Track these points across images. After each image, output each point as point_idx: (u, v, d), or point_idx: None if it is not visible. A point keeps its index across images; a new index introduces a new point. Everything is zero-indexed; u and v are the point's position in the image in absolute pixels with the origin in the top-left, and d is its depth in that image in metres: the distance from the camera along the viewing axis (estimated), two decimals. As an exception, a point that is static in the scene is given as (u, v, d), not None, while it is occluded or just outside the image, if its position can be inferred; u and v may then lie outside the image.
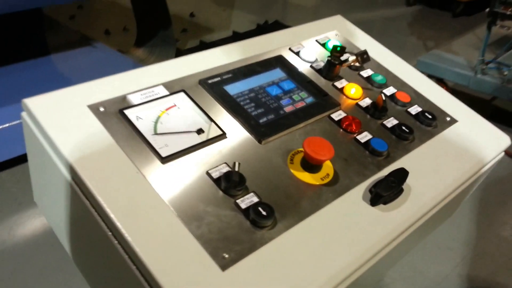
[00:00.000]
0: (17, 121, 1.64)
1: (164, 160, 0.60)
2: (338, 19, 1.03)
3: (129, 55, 2.63)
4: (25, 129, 0.64)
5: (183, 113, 0.68)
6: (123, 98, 0.66)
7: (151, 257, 0.50)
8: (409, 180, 0.66)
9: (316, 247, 0.56)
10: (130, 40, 3.12)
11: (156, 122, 0.65)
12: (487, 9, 2.25)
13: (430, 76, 1.82)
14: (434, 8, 3.86)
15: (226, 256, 0.52)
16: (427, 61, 2.60)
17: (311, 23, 0.99)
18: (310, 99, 0.77)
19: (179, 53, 2.74)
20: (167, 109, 0.67)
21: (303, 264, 0.54)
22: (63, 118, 0.60)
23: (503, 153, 0.83)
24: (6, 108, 1.71)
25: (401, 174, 0.65)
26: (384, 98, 0.77)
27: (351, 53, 0.90)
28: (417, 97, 0.86)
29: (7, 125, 1.57)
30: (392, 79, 0.89)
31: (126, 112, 0.64)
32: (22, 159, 1.60)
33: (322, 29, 0.98)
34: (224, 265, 0.51)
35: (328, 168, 0.66)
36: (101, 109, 0.63)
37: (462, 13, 3.61)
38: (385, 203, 0.64)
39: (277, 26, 3.70)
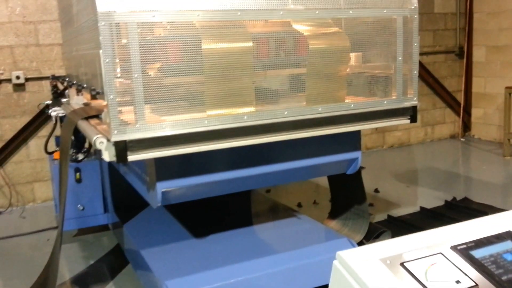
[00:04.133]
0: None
1: (439, 300, 0.92)
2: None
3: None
4: (335, 275, 1.03)
5: (442, 268, 1.00)
6: (400, 255, 1.02)
7: None
8: None
9: None
10: (320, 212, 3.65)
11: (426, 274, 0.98)
12: None
13: None
14: None
15: None
16: None
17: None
18: (543, 266, 1.02)
19: (370, 225, 3.10)
20: (431, 265, 1.01)
21: None
22: (367, 269, 0.98)
23: None
24: (231, 267, 2.24)
25: None
26: None
27: None
28: None
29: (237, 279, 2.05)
30: None
31: (406, 264, 0.99)
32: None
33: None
34: None
35: None
36: (388, 261, 1.00)
37: None
38: None
39: (466, 202, 3.87)
